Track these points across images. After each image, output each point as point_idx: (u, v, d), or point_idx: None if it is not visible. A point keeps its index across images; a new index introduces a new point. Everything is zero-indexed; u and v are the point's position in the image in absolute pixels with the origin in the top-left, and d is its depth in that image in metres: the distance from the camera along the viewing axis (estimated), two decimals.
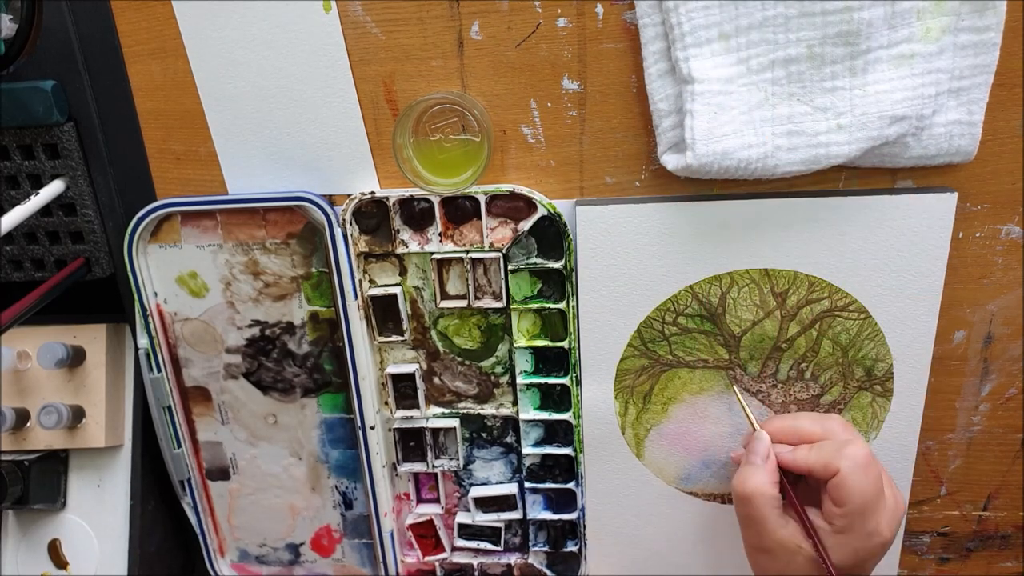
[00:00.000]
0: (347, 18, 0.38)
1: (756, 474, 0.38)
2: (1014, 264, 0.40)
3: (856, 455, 0.36)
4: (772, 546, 0.37)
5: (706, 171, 0.36)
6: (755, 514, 0.38)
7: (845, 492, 0.36)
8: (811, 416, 0.41)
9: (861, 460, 0.36)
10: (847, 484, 0.35)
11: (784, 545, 0.37)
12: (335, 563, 0.51)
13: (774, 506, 0.38)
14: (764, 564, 0.38)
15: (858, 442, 0.37)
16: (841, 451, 0.36)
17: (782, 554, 0.37)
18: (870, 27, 0.34)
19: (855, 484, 0.35)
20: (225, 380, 0.47)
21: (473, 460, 0.47)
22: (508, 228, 0.41)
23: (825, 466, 0.36)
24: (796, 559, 0.37)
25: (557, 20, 0.37)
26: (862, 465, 0.36)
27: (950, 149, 0.37)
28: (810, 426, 0.39)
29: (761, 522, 0.38)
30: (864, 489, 0.35)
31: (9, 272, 0.44)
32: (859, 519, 0.36)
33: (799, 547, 0.37)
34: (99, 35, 0.40)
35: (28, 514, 0.49)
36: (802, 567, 0.37)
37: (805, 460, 0.37)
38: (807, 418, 0.40)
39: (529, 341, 0.44)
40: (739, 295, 0.41)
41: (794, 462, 0.38)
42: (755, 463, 0.39)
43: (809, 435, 0.39)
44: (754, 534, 0.38)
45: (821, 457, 0.37)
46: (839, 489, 0.36)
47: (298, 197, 0.41)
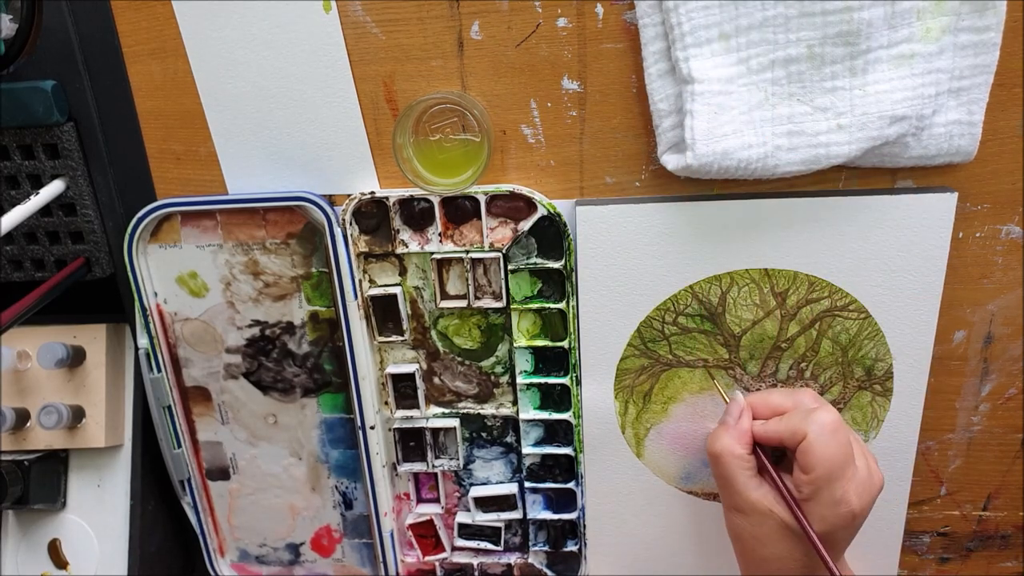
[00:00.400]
0: (347, 18, 0.38)
1: (726, 433, 0.39)
2: (1014, 264, 0.40)
3: (823, 420, 0.36)
4: (744, 506, 0.38)
5: (706, 171, 0.36)
6: (725, 473, 0.38)
7: (812, 457, 0.36)
8: (782, 390, 0.42)
9: (828, 425, 0.36)
10: (813, 449, 0.36)
11: (756, 507, 0.38)
12: (335, 563, 0.51)
13: (744, 467, 0.38)
14: (738, 524, 0.39)
15: (825, 408, 0.37)
16: (808, 417, 0.37)
17: (755, 516, 0.38)
18: (870, 27, 0.34)
19: (821, 449, 0.35)
20: (225, 380, 0.47)
21: (473, 460, 0.47)
22: (508, 228, 0.41)
23: (793, 432, 0.37)
24: (768, 522, 0.37)
25: (557, 20, 0.37)
26: (829, 431, 0.36)
27: (950, 149, 0.37)
28: (781, 399, 0.40)
29: (732, 481, 0.38)
30: (831, 455, 0.35)
31: (9, 272, 0.44)
32: (826, 486, 0.36)
33: (771, 510, 0.37)
34: (99, 35, 0.40)
35: (28, 514, 0.49)
36: (774, 531, 0.37)
37: (776, 429, 0.38)
38: (778, 392, 0.41)
39: (529, 341, 0.44)
40: (739, 295, 0.41)
41: (765, 432, 0.38)
42: (727, 423, 0.40)
43: (780, 407, 0.39)
44: (727, 494, 0.39)
45: (789, 424, 0.37)
46: (806, 455, 0.36)
47: (298, 197, 0.41)
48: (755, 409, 0.40)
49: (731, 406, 0.40)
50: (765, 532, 0.38)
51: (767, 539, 0.38)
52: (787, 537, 0.37)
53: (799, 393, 0.40)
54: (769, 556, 0.38)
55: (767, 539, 0.38)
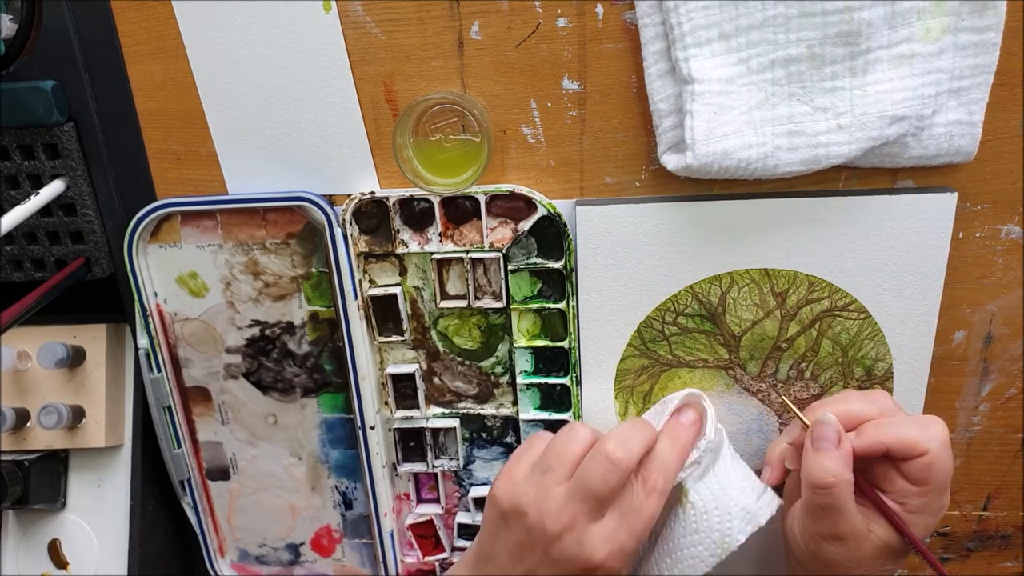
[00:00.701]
0: (347, 18, 0.38)
1: (834, 460, 0.35)
2: (1014, 264, 0.40)
3: (942, 436, 0.35)
4: (846, 533, 0.36)
5: (706, 171, 0.36)
6: (835, 503, 0.35)
7: (932, 472, 0.35)
8: (857, 396, 0.39)
9: (946, 440, 0.35)
10: (935, 465, 0.35)
11: (857, 531, 0.36)
12: (335, 563, 0.51)
13: (851, 492, 0.36)
14: (834, 552, 0.36)
15: (938, 421, 0.36)
16: (928, 431, 0.35)
17: (852, 541, 0.36)
18: (870, 27, 0.34)
19: (942, 465, 0.35)
20: (225, 380, 0.47)
21: (473, 460, 0.47)
22: (508, 228, 0.41)
23: (911, 447, 0.35)
24: (865, 544, 0.36)
25: (557, 20, 0.37)
26: (946, 444, 0.35)
27: (950, 149, 0.37)
28: (863, 407, 0.38)
29: (840, 510, 0.35)
30: (948, 469, 0.35)
31: (9, 272, 0.44)
32: (936, 498, 0.35)
33: (869, 531, 0.36)
34: (99, 35, 0.40)
35: (28, 514, 0.49)
36: (872, 551, 0.36)
37: (882, 441, 0.35)
38: (856, 399, 0.38)
39: (529, 341, 0.44)
40: (739, 295, 0.41)
41: (868, 446, 0.36)
42: (828, 449, 0.36)
43: (865, 415, 0.37)
44: (829, 523, 0.36)
45: (904, 436, 0.35)
46: (927, 470, 0.35)
47: (298, 197, 0.41)
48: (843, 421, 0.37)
49: (826, 430, 0.36)
50: (862, 555, 0.36)
51: (863, 561, 0.36)
52: (886, 554, 0.36)
53: (877, 396, 0.38)
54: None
55: (863, 561, 0.36)
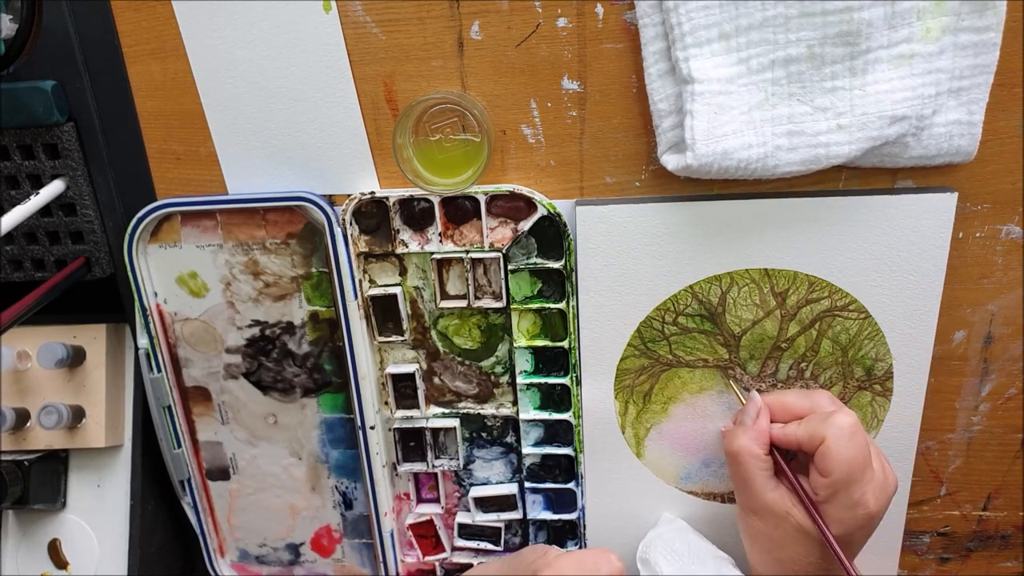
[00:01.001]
0: (347, 18, 0.38)
1: (744, 433, 0.39)
2: (1014, 264, 0.40)
3: (842, 423, 0.36)
4: (761, 508, 0.38)
5: (706, 171, 0.36)
6: (743, 473, 0.38)
7: (830, 460, 0.36)
8: (798, 392, 0.41)
9: (847, 429, 0.36)
10: (831, 452, 0.36)
11: (772, 508, 0.37)
12: (335, 563, 0.51)
13: (761, 467, 0.38)
14: (754, 526, 0.39)
15: (844, 411, 0.37)
16: (827, 420, 0.36)
17: (771, 517, 0.38)
18: (870, 27, 0.34)
19: (840, 452, 0.35)
20: (225, 380, 0.47)
21: (473, 460, 0.47)
22: (508, 228, 0.41)
23: (811, 436, 0.37)
24: (784, 524, 0.37)
25: (557, 20, 0.37)
26: (848, 434, 0.36)
27: (950, 149, 0.37)
28: (797, 400, 0.40)
29: (749, 481, 0.38)
30: (850, 457, 0.35)
31: (9, 272, 0.44)
32: (844, 489, 0.36)
33: (788, 512, 0.37)
34: (99, 35, 0.40)
35: (28, 514, 0.49)
36: (790, 533, 0.37)
37: (794, 433, 0.38)
38: (794, 394, 0.41)
39: (529, 341, 0.44)
40: (739, 295, 0.41)
41: (784, 436, 0.38)
42: (744, 423, 0.40)
43: (797, 410, 0.39)
44: (744, 494, 0.39)
45: (808, 428, 0.37)
46: (824, 458, 0.36)
47: (298, 197, 0.41)
48: (771, 410, 0.40)
49: (748, 406, 0.40)
50: (781, 535, 0.37)
51: (783, 541, 0.37)
52: (803, 539, 0.37)
53: (815, 395, 0.40)
54: (784, 558, 0.38)
55: (783, 541, 0.37)
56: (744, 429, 0.39)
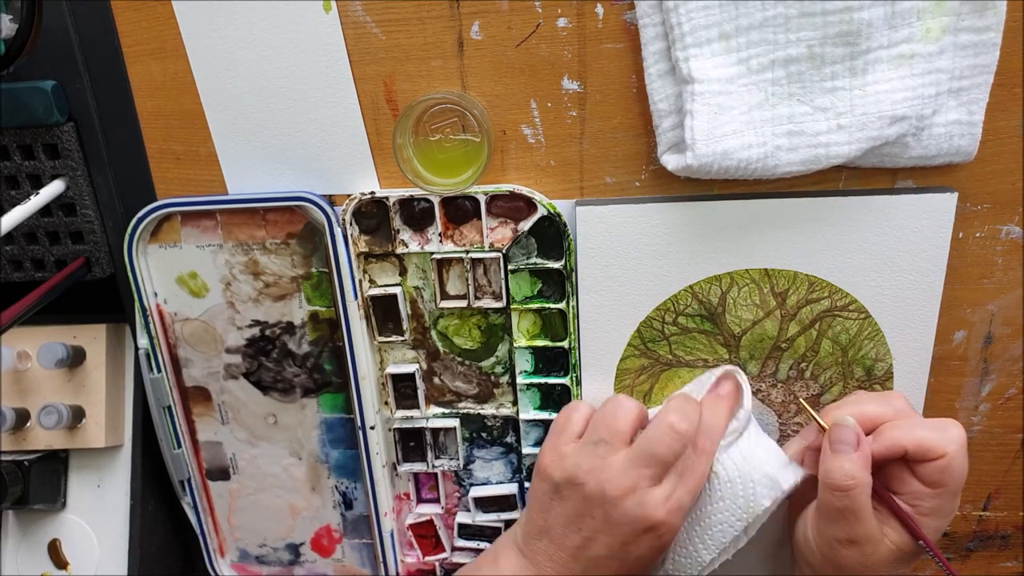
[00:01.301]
0: (347, 18, 0.38)
1: (855, 463, 0.35)
2: (1014, 264, 0.40)
3: (960, 439, 0.35)
4: (861, 537, 0.36)
5: (706, 171, 0.36)
6: (852, 506, 0.35)
7: (949, 475, 0.35)
8: (872, 398, 0.39)
9: (963, 443, 0.35)
10: (952, 468, 0.35)
11: (872, 535, 0.36)
12: (335, 563, 0.51)
13: (868, 495, 0.35)
14: (847, 558, 0.36)
15: (957, 426, 0.36)
16: (946, 434, 0.35)
17: (868, 545, 0.36)
18: (870, 27, 0.34)
19: (959, 467, 0.35)
20: (225, 380, 0.47)
21: (473, 460, 0.47)
22: (508, 228, 0.41)
23: (929, 449, 0.35)
24: (880, 549, 0.36)
25: (557, 20, 0.37)
26: (964, 449, 0.35)
27: (950, 149, 0.37)
28: (879, 409, 0.38)
29: (858, 513, 0.35)
30: (964, 472, 0.35)
31: (9, 272, 0.44)
32: (949, 500, 0.35)
33: (884, 535, 0.36)
34: (99, 35, 0.40)
35: (28, 514, 0.49)
36: (884, 556, 0.36)
37: (900, 444, 0.35)
38: (871, 401, 0.38)
39: (529, 341, 0.44)
40: (739, 295, 0.41)
41: (887, 448, 0.36)
42: (847, 452, 0.36)
43: (881, 418, 0.37)
44: (845, 527, 0.36)
45: (923, 438, 0.35)
46: (943, 472, 0.35)
47: (298, 197, 0.41)
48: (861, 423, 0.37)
49: (844, 432, 0.36)
50: (877, 559, 0.36)
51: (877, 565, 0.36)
52: (898, 559, 0.36)
53: (892, 398, 0.38)
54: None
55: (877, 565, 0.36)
56: (850, 459, 0.35)
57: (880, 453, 0.36)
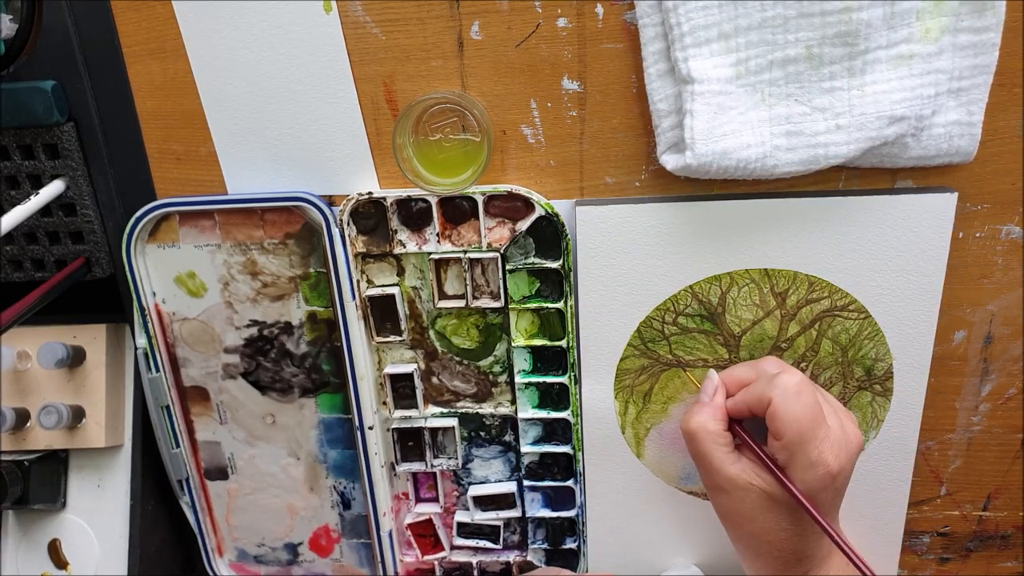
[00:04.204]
0: (347, 18, 0.38)
1: (700, 411, 0.39)
2: (1014, 264, 0.40)
3: (786, 383, 0.36)
4: (724, 483, 0.38)
5: (705, 171, 0.36)
6: (701, 450, 0.38)
7: (779, 421, 0.35)
8: (746, 363, 0.41)
9: (792, 387, 0.36)
10: (779, 413, 0.35)
11: (735, 482, 0.37)
12: (333, 563, 0.51)
13: (719, 442, 0.38)
14: (722, 503, 0.39)
15: (788, 371, 0.37)
16: (771, 382, 0.36)
17: (736, 492, 0.37)
18: (869, 28, 0.34)
19: (788, 411, 0.35)
20: (223, 380, 0.47)
21: (472, 459, 0.47)
22: (506, 228, 0.41)
23: (759, 399, 0.37)
24: (750, 496, 0.37)
25: (557, 20, 0.37)
26: (793, 392, 0.36)
27: (950, 150, 0.37)
28: (745, 371, 0.40)
29: (708, 458, 0.38)
30: (798, 415, 0.35)
31: (9, 272, 0.44)
32: (799, 448, 0.35)
33: (750, 483, 0.37)
34: (99, 35, 0.40)
35: (28, 514, 0.49)
36: (757, 504, 0.37)
37: (743, 400, 0.38)
38: (742, 365, 0.41)
39: (527, 340, 0.44)
40: (739, 295, 0.41)
41: (733, 405, 0.38)
42: (701, 401, 0.40)
43: (746, 379, 0.39)
44: (705, 472, 0.39)
45: (754, 392, 0.37)
46: (774, 420, 0.36)
47: (296, 197, 0.41)
48: (725, 386, 0.40)
49: (704, 384, 0.40)
50: (748, 507, 0.37)
51: (752, 514, 0.37)
52: (771, 508, 0.37)
53: (762, 362, 0.40)
54: (757, 531, 0.38)
55: (752, 514, 0.37)
56: (699, 407, 0.39)
57: (733, 410, 0.39)
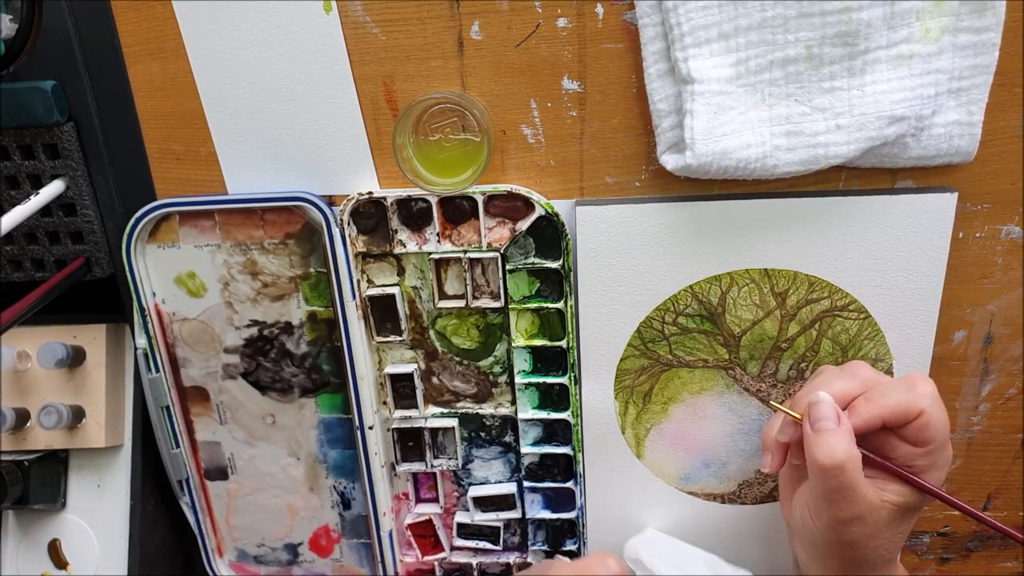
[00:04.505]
0: (347, 18, 0.38)
1: (837, 439, 0.34)
2: (1014, 264, 0.40)
3: (931, 392, 0.35)
4: (863, 511, 0.35)
5: (705, 171, 0.36)
6: (847, 482, 0.34)
7: (932, 430, 0.35)
8: (836, 373, 0.38)
9: (935, 395, 0.35)
10: (932, 422, 0.35)
11: (872, 505, 0.35)
12: (333, 563, 0.51)
13: (860, 469, 0.35)
14: (854, 533, 0.35)
15: (925, 379, 0.36)
16: (915, 391, 0.35)
17: (871, 516, 0.35)
18: (869, 28, 0.34)
19: (939, 419, 0.35)
20: (223, 380, 0.47)
21: (472, 460, 0.47)
22: (506, 228, 0.41)
23: (906, 411, 0.35)
24: (882, 515, 0.35)
25: (557, 20, 0.37)
26: (938, 399, 0.35)
27: (950, 150, 0.37)
28: (846, 384, 0.37)
29: (853, 489, 0.34)
30: (945, 422, 0.35)
31: (9, 272, 0.44)
32: (941, 451, 0.35)
33: (883, 502, 0.35)
34: (99, 35, 0.40)
35: (28, 514, 0.49)
36: (886, 519, 0.36)
37: (879, 413, 0.35)
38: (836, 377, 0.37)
39: (527, 341, 0.43)
40: (739, 295, 0.41)
41: (867, 421, 0.35)
42: (829, 428, 0.35)
43: (850, 392, 0.37)
44: (845, 506, 0.35)
45: (896, 404, 0.35)
46: (925, 429, 0.35)
47: (296, 197, 0.41)
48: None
49: (823, 408, 0.35)
50: (880, 525, 0.36)
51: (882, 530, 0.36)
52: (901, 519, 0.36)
53: (856, 368, 0.38)
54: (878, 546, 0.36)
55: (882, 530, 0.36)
56: (832, 435, 0.34)
57: (859, 427, 0.35)
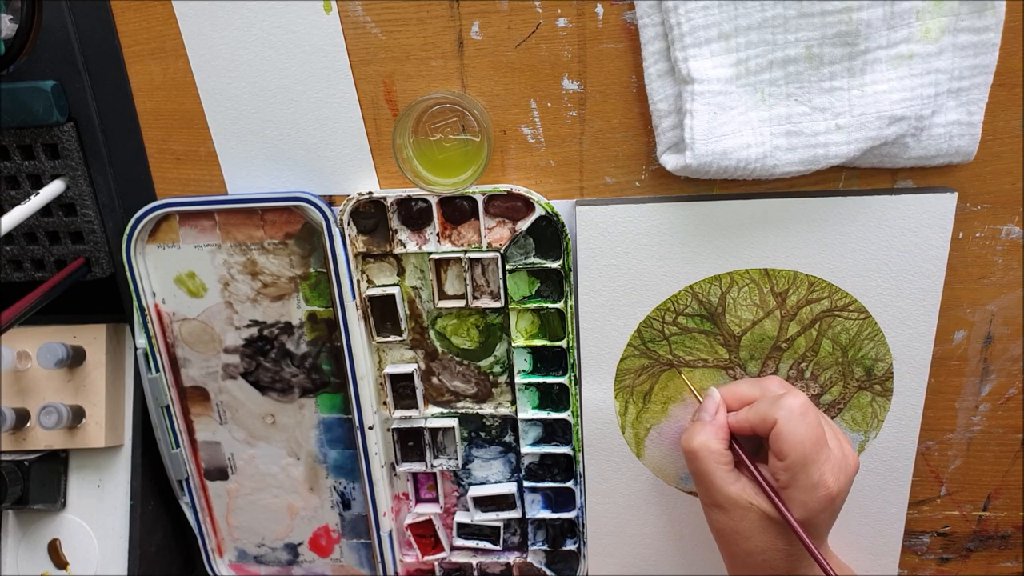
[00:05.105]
0: (347, 18, 0.38)
1: (702, 430, 0.39)
2: (1014, 264, 0.40)
3: (791, 405, 0.36)
4: (724, 502, 0.38)
5: (705, 171, 0.36)
6: (703, 469, 0.38)
7: (784, 442, 0.36)
8: (749, 380, 0.41)
9: (797, 409, 0.36)
10: (784, 434, 0.36)
11: (735, 501, 0.37)
12: (333, 563, 0.51)
13: (721, 461, 0.38)
14: (719, 520, 0.39)
15: (793, 393, 0.37)
16: (776, 402, 0.37)
17: (735, 510, 0.38)
18: (869, 28, 0.34)
19: (792, 432, 0.35)
20: (223, 380, 0.47)
21: (472, 460, 0.47)
22: (506, 228, 0.41)
23: (763, 419, 0.37)
24: (749, 515, 0.37)
25: (557, 20, 0.37)
26: (798, 414, 0.36)
27: (950, 150, 0.37)
28: (748, 389, 0.40)
29: (709, 477, 0.38)
30: (803, 438, 0.35)
31: (9, 272, 0.44)
32: (802, 470, 0.36)
33: (750, 503, 0.37)
34: (99, 35, 0.40)
35: (28, 514, 0.49)
36: (755, 523, 0.37)
37: (746, 418, 0.38)
38: (745, 383, 0.41)
39: (527, 341, 0.43)
40: (739, 295, 0.41)
41: (737, 423, 0.38)
42: (702, 419, 0.40)
43: (749, 397, 0.39)
44: (705, 490, 0.39)
45: (759, 412, 0.37)
46: (778, 440, 0.36)
47: (296, 197, 0.41)
48: (726, 402, 0.40)
49: (706, 402, 0.40)
50: (747, 526, 0.37)
51: (749, 533, 0.37)
52: (769, 528, 0.37)
53: (766, 381, 0.40)
54: (752, 549, 0.38)
55: (749, 533, 0.37)
56: (702, 425, 0.39)
57: (733, 427, 0.39)
